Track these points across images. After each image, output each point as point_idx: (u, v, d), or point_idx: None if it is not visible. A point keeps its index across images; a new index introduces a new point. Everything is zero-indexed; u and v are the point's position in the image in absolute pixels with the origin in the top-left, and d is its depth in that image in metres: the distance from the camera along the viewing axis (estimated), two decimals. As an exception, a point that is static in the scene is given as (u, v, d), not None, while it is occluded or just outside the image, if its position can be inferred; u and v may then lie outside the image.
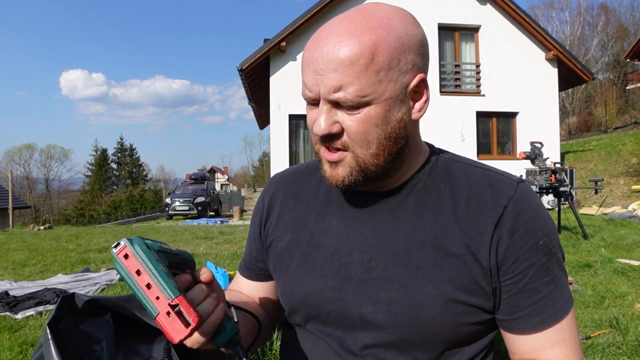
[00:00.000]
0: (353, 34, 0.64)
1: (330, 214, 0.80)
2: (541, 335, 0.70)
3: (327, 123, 0.67)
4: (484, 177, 0.74)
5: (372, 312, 0.71)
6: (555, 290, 0.70)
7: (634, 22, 34.34)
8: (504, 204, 0.70)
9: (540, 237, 0.70)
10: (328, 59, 0.64)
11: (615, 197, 12.58)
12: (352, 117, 0.67)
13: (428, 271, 0.70)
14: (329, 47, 0.65)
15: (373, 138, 0.68)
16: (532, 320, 0.70)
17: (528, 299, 0.70)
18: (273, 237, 0.85)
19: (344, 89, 0.64)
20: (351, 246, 0.75)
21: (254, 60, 11.95)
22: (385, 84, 0.66)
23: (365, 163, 0.70)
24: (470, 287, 0.69)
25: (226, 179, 61.05)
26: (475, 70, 13.34)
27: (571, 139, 23.46)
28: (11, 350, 2.54)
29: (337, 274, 0.75)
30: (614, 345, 2.39)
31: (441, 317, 0.69)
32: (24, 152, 46.03)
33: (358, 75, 0.64)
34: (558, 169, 6.41)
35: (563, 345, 0.70)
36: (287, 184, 0.89)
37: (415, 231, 0.72)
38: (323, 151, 0.72)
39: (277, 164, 12.28)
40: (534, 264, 0.69)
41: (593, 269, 4.36)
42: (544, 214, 0.73)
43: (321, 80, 0.66)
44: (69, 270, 5.02)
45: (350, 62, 0.63)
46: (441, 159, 0.79)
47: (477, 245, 0.69)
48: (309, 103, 0.71)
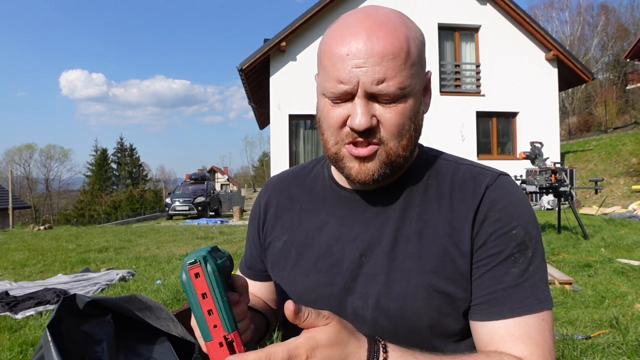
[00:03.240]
0: (387, 29, 0.66)
1: (324, 213, 0.82)
2: (501, 324, 0.68)
3: (367, 116, 0.67)
4: (468, 172, 0.77)
5: (362, 307, 0.73)
6: (525, 285, 0.69)
7: (634, 22, 34.36)
8: (482, 192, 0.73)
9: (514, 226, 0.70)
10: (370, 53, 0.64)
11: (615, 197, 12.58)
12: (389, 110, 0.68)
13: (412, 264, 0.72)
14: (367, 41, 0.65)
15: (406, 130, 0.70)
16: (489, 310, 0.69)
17: (489, 287, 0.69)
18: (271, 239, 0.87)
19: (387, 81, 0.65)
20: (343, 243, 0.77)
21: (254, 60, 11.94)
22: (417, 77, 0.69)
23: (396, 156, 0.71)
24: (454, 277, 0.70)
25: (226, 179, 61.07)
26: (475, 70, 13.34)
27: (571, 139, 23.46)
28: (11, 350, 2.54)
29: (330, 270, 0.77)
30: (614, 345, 2.39)
31: (426, 309, 0.70)
32: (24, 152, 46.10)
33: (400, 68, 0.66)
34: (558, 169, 6.42)
35: (528, 342, 0.67)
36: (282, 186, 0.91)
37: (403, 226, 0.74)
38: (350, 148, 0.70)
39: (277, 164, 12.28)
40: (501, 252, 0.69)
41: (593, 269, 4.36)
42: (522, 206, 0.73)
43: (362, 72, 0.65)
44: (69, 270, 5.02)
45: (392, 55, 0.65)
46: (430, 157, 0.82)
47: (459, 235, 0.71)
48: (336, 99, 0.69)
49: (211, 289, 0.56)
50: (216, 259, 0.59)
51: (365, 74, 0.65)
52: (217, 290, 0.57)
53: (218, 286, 0.57)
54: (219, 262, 0.59)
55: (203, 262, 0.56)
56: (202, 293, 0.56)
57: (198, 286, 0.56)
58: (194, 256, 0.57)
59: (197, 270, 0.56)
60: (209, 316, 0.56)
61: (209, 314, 0.56)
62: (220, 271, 0.59)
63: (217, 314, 0.56)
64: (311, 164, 0.92)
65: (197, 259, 0.57)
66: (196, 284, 0.56)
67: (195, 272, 0.56)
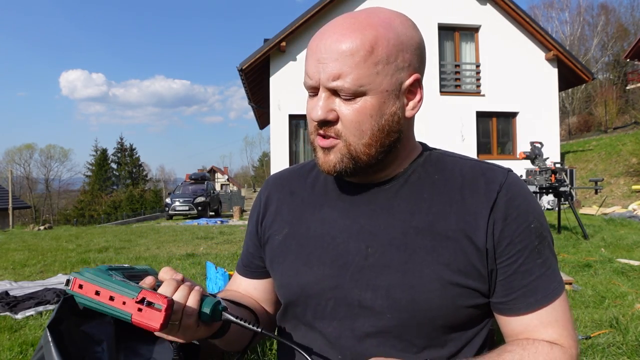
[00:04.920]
0: (356, 28, 0.69)
1: (326, 206, 0.82)
2: (535, 315, 0.72)
3: (323, 109, 0.71)
4: (476, 167, 0.79)
5: (371, 298, 0.73)
6: (548, 272, 0.73)
7: (634, 22, 34.36)
8: (497, 190, 0.74)
9: (532, 220, 0.74)
10: (330, 49, 0.69)
11: (615, 197, 12.58)
12: (348, 106, 0.71)
13: (425, 255, 0.72)
14: (333, 38, 0.69)
15: (366, 128, 0.71)
16: (526, 301, 0.72)
17: (523, 279, 0.72)
18: (270, 233, 0.87)
19: (343, 77, 0.68)
20: (348, 235, 0.77)
21: (254, 60, 11.95)
22: (382, 76, 0.69)
23: (357, 152, 0.73)
24: (467, 270, 0.72)
25: (226, 179, 61.06)
26: (475, 70, 13.34)
27: (571, 139, 23.46)
28: (11, 350, 2.54)
29: (335, 262, 0.76)
30: (614, 345, 2.39)
31: (440, 300, 0.71)
32: (24, 152, 46.12)
33: (357, 66, 0.68)
34: (558, 169, 6.42)
35: (556, 325, 0.73)
36: (283, 182, 0.91)
37: (411, 218, 0.75)
38: (317, 139, 0.75)
39: (277, 164, 12.28)
40: (527, 246, 0.72)
41: (593, 269, 4.36)
42: (533, 200, 0.77)
43: (322, 68, 0.69)
44: (69, 270, 5.02)
45: (350, 52, 0.67)
46: (433, 153, 0.83)
47: (473, 228, 0.72)
48: (310, 92, 0.75)
49: (96, 283, 0.59)
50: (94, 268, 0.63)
51: (324, 70, 0.69)
52: (101, 278, 0.59)
53: (100, 276, 0.59)
54: (97, 267, 0.62)
55: (76, 274, 0.59)
56: (94, 292, 0.58)
57: (88, 291, 0.59)
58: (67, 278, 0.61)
59: (79, 283, 0.59)
60: (113, 302, 0.58)
61: (112, 300, 0.58)
62: (99, 269, 0.61)
63: (117, 293, 0.58)
64: (312, 161, 0.92)
65: (69, 278, 0.59)
66: (85, 292, 0.59)
67: (78, 285, 0.59)
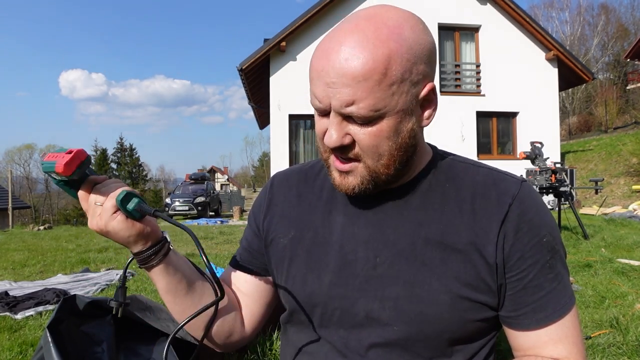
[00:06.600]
0: (365, 47, 0.62)
1: (335, 212, 0.80)
2: (544, 331, 0.71)
3: (338, 135, 0.67)
4: (488, 176, 0.76)
5: (378, 309, 0.72)
6: (559, 287, 0.71)
7: (634, 22, 34.37)
8: (509, 202, 0.71)
9: (544, 234, 0.71)
10: (340, 73, 0.63)
11: (616, 197, 12.58)
12: (363, 130, 0.67)
13: (434, 268, 0.70)
14: (341, 59, 0.63)
15: (384, 150, 0.68)
16: (536, 317, 0.71)
17: (533, 295, 0.70)
18: (275, 234, 0.84)
19: (357, 103, 0.63)
20: (356, 243, 0.75)
21: (254, 60, 11.94)
22: (397, 96, 0.65)
23: (377, 173, 0.70)
24: (476, 284, 0.70)
25: (226, 179, 61.04)
26: (475, 70, 13.33)
27: (571, 139, 23.46)
28: (11, 350, 2.53)
29: (343, 271, 0.75)
30: (614, 345, 2.38)
31: (448, 314, 0.69)
32: (24, 152, 46.17)
33: (371, 90, 0.63)
34: (558, 169, 6.41)
35: (566, 342, 0.71)
36: (290, 183, 0.88)
37: (421, 228, 0.73)
38: (333, 160, 0.72)
39: (277, 164, 12.27)
40: (538, 261, 0.70)
41: (593, 269, 4.36)
42: (547, 213, 0.74)
43: (333, 93, 0.64)
44: (68, 271, 5.01)
45: (363, 77, 0.62)
46: (445, 159, 0.80)
47: (483, 241, 0.70)
48: (318, 112, 0.70)
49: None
50: None
51: (334, 96, 0.64)
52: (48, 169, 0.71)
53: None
54: None
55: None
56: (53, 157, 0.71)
57: (50, 157, 0.71)
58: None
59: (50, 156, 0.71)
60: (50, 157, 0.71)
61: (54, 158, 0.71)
62: None
63: (57, 152, 0.71)
64: (320, 163, 0.89)
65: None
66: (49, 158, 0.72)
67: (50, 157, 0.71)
